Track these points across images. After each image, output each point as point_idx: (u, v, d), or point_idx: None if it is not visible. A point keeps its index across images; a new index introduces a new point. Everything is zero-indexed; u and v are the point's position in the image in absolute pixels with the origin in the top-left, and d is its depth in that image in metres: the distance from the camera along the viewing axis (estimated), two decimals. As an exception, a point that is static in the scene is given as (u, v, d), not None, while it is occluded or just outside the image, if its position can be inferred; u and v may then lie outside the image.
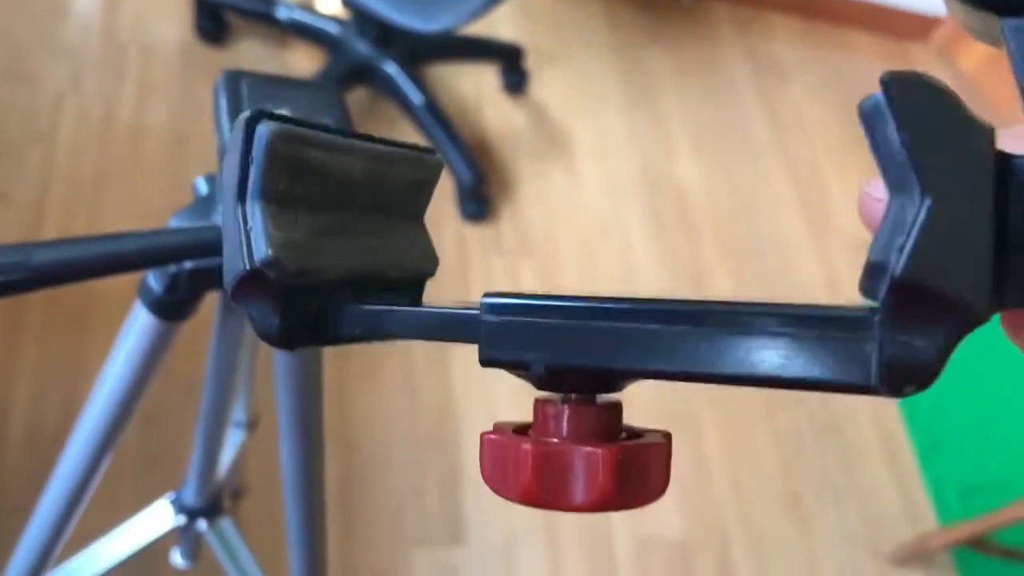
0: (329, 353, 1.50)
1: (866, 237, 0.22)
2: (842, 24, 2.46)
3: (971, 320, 0.19)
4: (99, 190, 1.60)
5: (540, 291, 0.25)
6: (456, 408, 1.54)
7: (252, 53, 1.87)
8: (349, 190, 0.27)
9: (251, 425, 0.99)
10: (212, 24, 1.83)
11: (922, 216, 0.19)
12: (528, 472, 0.24)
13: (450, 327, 0.26)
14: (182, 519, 0.90)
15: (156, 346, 0.55)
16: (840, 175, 2.14)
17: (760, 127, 2.17)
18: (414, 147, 0.30)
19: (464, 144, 1.77)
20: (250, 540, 1.03)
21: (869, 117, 0.19)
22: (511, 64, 1.97)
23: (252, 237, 0.24)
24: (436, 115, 1.76)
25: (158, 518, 0.91)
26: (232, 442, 0.96)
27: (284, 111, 0.45)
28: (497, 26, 2.03)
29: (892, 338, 0.20)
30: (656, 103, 2.12)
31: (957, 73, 2.49)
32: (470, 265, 1.70)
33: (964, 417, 1.83)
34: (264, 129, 0.24)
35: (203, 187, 0.52)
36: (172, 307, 0.53)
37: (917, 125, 0.18)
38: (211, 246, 0.47)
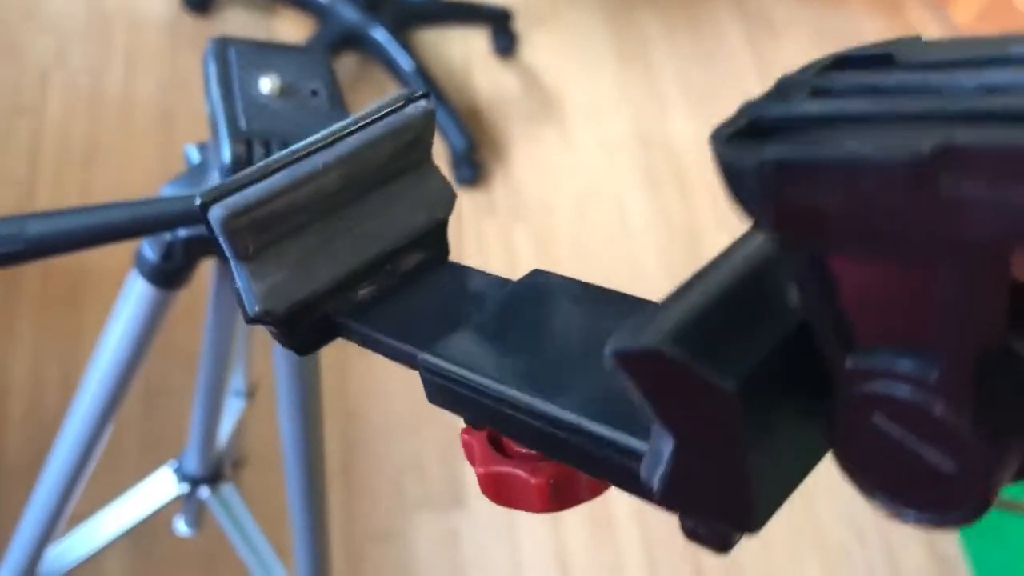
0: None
1: None
2: (833, -22, 2.44)
3: (740, 531, 0.21)
4: (89, 164, 1.59)
5: (532, 256, 0.28)
6: (454, 373, 1.55)
7: (239, 22, 1.85)
8: (331, 199, 0.29)
9: (250, 394, 1.00)
10: (197, -7, 1.82)
11: (673, 457, 0.20)
12: (483, 487, 0.29)
13: (402, 358, 0.30)
14: (185, 487, 0.91)
15: (153, 314, 0.55)
16: (833, 131, 2.13)
17: (753, 83, 2.16)
18: (398, 105, 0.30)
19: (455, 109, 1.76)
20: (253, 508, 1.04)
21: (612, 369, 0.20)
22: (500, 27, 1.95)
23: (243, 295, 0.28)
24: (426, 81, 1.75)
25: (161, 487, 0.92)
26: (232, 410, 0.96)
27: (275, 76, 0.45)
28: (485, -12, 2.02)
29: (680, 520, 0.22)
30: (647, 62, 2.10)
31: (953, 26, 2.47)
32: (464, 230, 1.69)
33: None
34: (214, 215, 0.26)
35: (195, 155, 0.52)
36: (168, 275, 0.53)
37: (656, 386, 0.19)
38: (204, 213, 0.47)
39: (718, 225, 1.88)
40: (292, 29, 1.87)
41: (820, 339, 0.19)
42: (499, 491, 0.28)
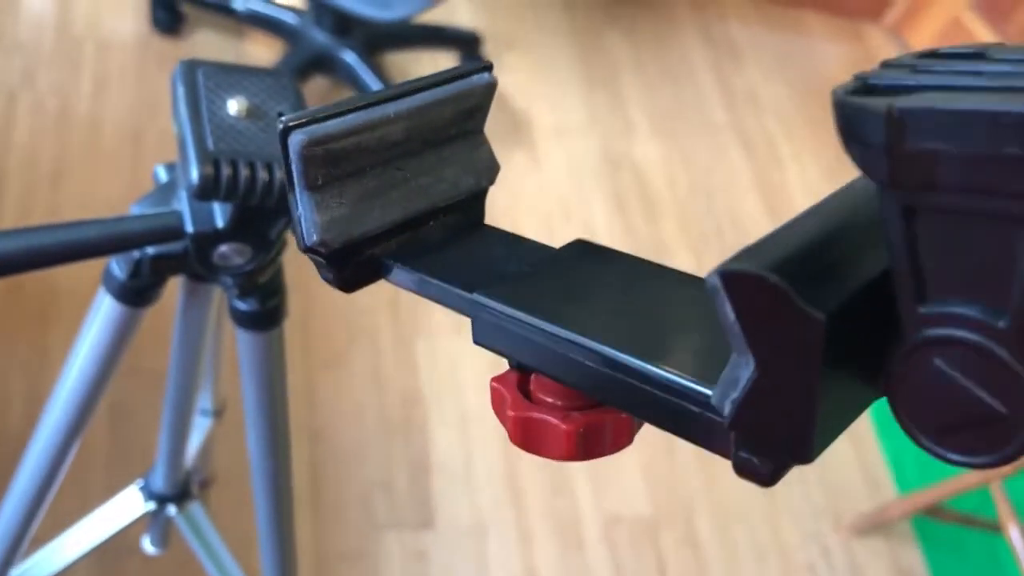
0: (295, 341, 1.51)
1: None
2: (795, 4, 2.50)
3: (795, 461, 0.23)
4: (57, 184, 1.59)
5: None
6: (422, 394, 1.55)
7: (209, 44, 1.86)
8: (393, 148, 0.31)
9: (218, 413, 1.00)
10: (168, 16, 1.82)
11: (750, 383, 0.22)
12: (511, 431, 0.29)
13: (451, 301, 0.30)
14: (151, 505, 0.91)
15: (121, 332, 0.56)
16: (795, 152, 2.17)
17: (716, 106, 2.20)
18: (462, 74, 0.32)
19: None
20: (221, 527, 1.04)
21: (711, 293, 0.22)
22: (469, 51, 1.98)
23: (303, 223, 0.29)
24: (396, 102, 1.76)
25: (127, 505, 0.92)
26: (199, 429, 0.96)
27: (242, 98, 0.47)
28: (455, 13, 2.04)
29: (735, 449, 0.24)
30: (614, 85, 2.14)
31: (909, 51, 2.53)
32: (433, 251, 1.71)
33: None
34: (295, 140, 0.27)
35: (163, 175, 0.53)
36: (136, 293, 0.54)
37: (750, 311, 0.21)
38: (172, 231, 0.48)
39: (684, 244, 1.91)
40: (262, 51, 1.89)
41: (899, 285, 0.21)
42: (527, 437, 0.29)
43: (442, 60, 2.00)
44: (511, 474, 1.51)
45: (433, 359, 1.59)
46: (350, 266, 0.31)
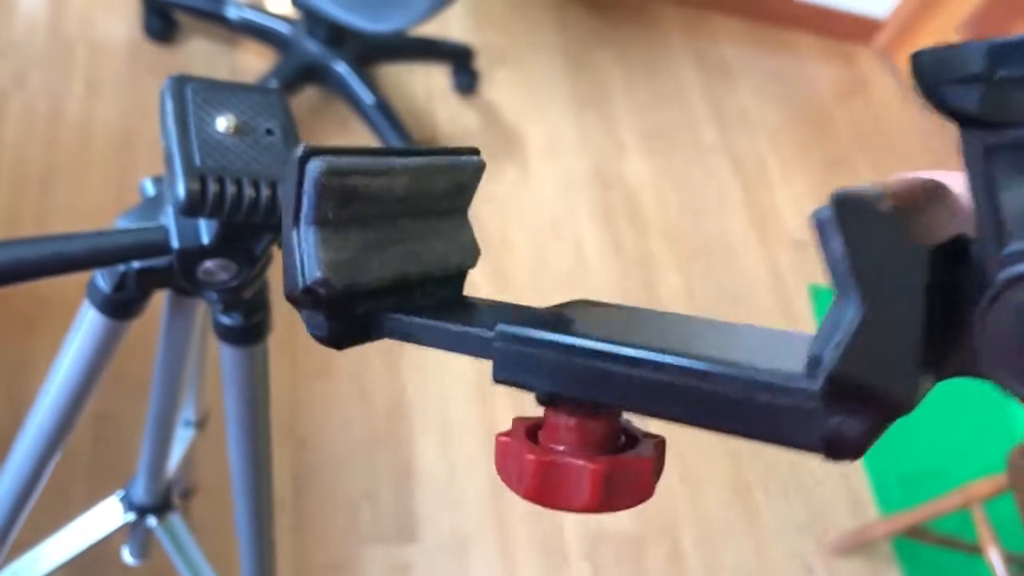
0: (281, 351, 1.51)
1: (810, 236, 0.25)
2: (786, 25, 2.51)
3: (897, 411, 0.22)
4: (46, 188, 1.58)
5: (491, 291, 0.29)
6: (409, 407, 1.55)
7: (202, 52, 1.86)
8: (394, 204, 0.30)
9: (201, 424, 1.00)
10: (161, 23, 1.82)
11: (857, 320, 0.22)
12: (530, 479, 0.27)
13: (467, 344, 0.29)
14: (131, 516, 0.91)
15: (105, 344, 0.56)
16: (784, 173, 2.19)
17: (707, 127, 2.21)
18: (455, 151, 0.32)
19: (414, 143, 1.78)
20: (201, 538, 1.03)
21: (820, 226, 0.22)
22: (462, 64, 1.98)
23: (305, 259, 0.28)
24: (387, 115, 1.77)
25: (107, 515, 0.92)
26: (182, 440, 0.96)
27: (231, 115, 0.47)
28: (448, 27, 2.05)
29: (826, 419, 0.23)
30: (606, 103, 2.15)
31: (898, 75, 2.55)
32: (422, 264, 1.71)
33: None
34: (313, 167, 0.27)
35: (150, 188, 0.53)
36: (120, 306, 0.54)
37: (859, 242, 0.21)
38: (158, 246, 0.48)
39: (672, 264, 1.91)
40: (254, 60, 1.89)
41: (981, 226, 0.22)
42: (546, 486, 0.27)
43: (435, 73, 2.01)
44: (496, 488, 1.51)
45: (420, 372, 1.59)
46: (344, 318, 0.30)
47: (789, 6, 2.47)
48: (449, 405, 1.57)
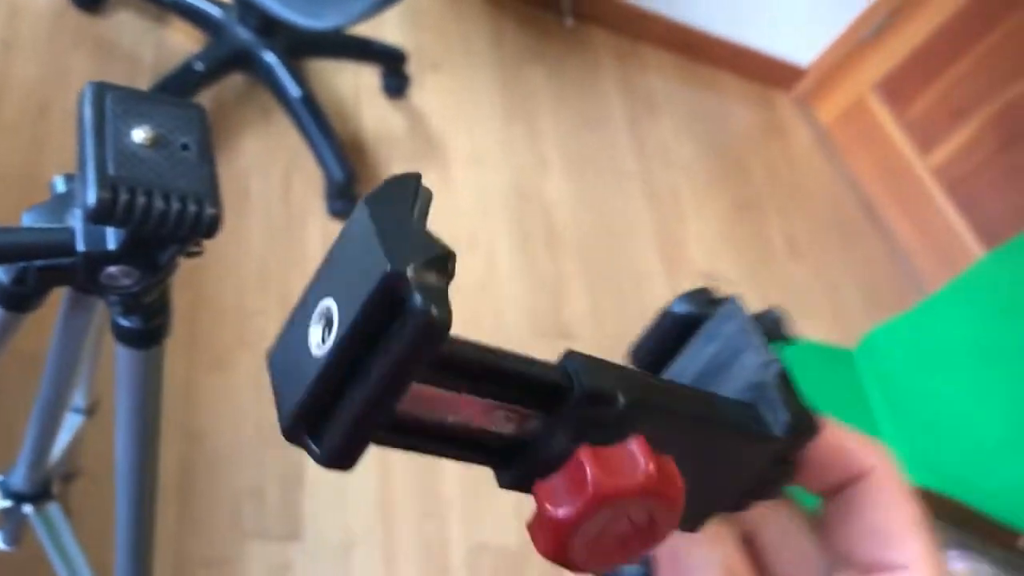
0: (178, 341, 1.48)
1: (714, 268, 0.27)
2: (714, 64, 2.59)
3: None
4: (-51, 149, 1.53)
5: None
6: (305, 404, 1.54)
7: (128, 26, 1.83)
8: None
9: (90, 411, 0.98)
10: (89, -10, 1.78)
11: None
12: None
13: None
14: (7, 503, 0.89)
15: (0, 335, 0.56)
16: (696, 207, 2.25)
17: (628, 154, 2.26)
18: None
19: (337, 141, 1.77)
20: (80, 523, 1.02)
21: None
22: (394, 67, 1.99)
23: (338, 437, 0.23)
24: (312, 110, 1.76)
25: (-17, 500, 0.90)
26: (69, 426, 0.95)
27: (148, 127, 0.47)
28: (383, 28, 2.05)
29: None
30: (533, 121, 2.18)
31: (814, 124, 2.65)
32: (333, 263, 1.71)
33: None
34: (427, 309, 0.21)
35: (60, 186, 0.53)
36: (18, 299, 0.54)
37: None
38: (63, 248, 0.48)
39: (582, 285, 1.95)
40: (182, 40, 1.86)
41: None
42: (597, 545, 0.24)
43: (365, 73, 2.01)
44: (384, 495, 1.52)
45: (320, 371, 1.59)
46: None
47: (718, 46, 2.55)
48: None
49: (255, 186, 1.74)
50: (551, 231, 2.00)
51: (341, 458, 0.22)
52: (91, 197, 0.44)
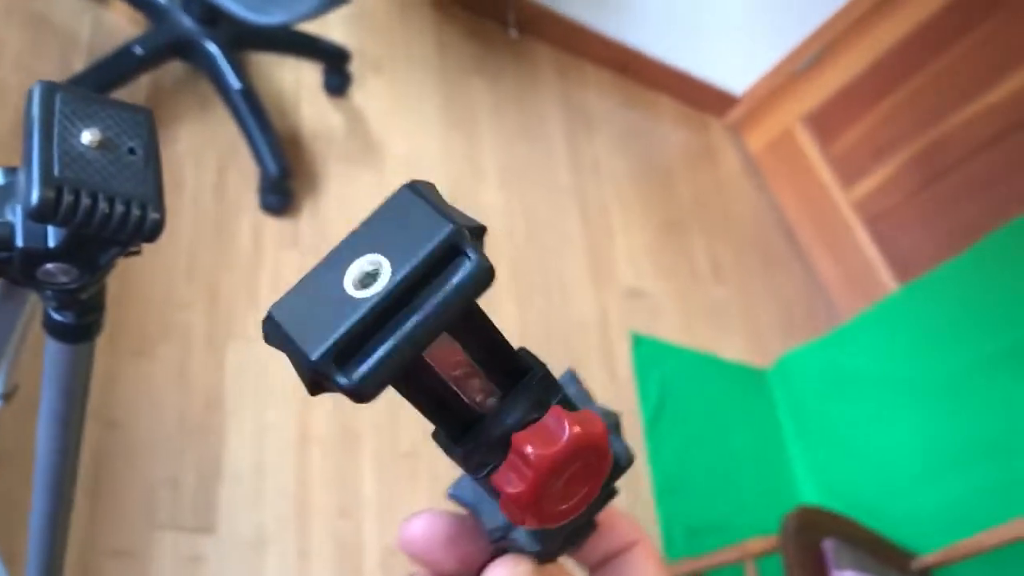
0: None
1: (639, 285, 0.29)
2: (651, 85, 2.64)
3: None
4: None
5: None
6: (226, 399, 1.54)
7: (67, 4, 1.79)
8: None
9: (8, 395, 0.97)
10: (27, -35, 1.75)
11: None
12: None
13: None
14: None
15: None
16: (625, 226, 2.30)
17: (563, 167, 2.30)
18: None
19: (275, 135, 1.77)
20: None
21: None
22: (336, 66, 1.99)
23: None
24: (251, 103, 1.75)
25: None
26: (-16, 411, 0.93)
27: (96, 129, 0.48)
28: (329, 26, 2.05)
29: None
30: (472, 129, 2.20)
31: (743, 151, 2.73)
32: (263, 257, 1.70)
33: (700, 463, 2.02)
34: None
35: (0, 177, 0.53)
36: (-53, 288, 0.54)
37: None
38: (1, 242, 0.49)
39: (511, 295, 1.98)
40: (122, 22, 1.83)
41: None
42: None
43: (306, 69, 2.00)
44: (301, 492, 1.52)
45: (242, 365, 1.58)
46: None
47: (657, 69, 2.60)
48: (267, 402, 1.57)
49: (189, 177, 1.73)
50: (484, 239, 2.02)
51: (371, 386, 0.24)
52: (35, 196, 0.45)
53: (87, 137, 0.48)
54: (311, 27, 1.95)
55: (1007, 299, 1.84)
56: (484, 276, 0.25)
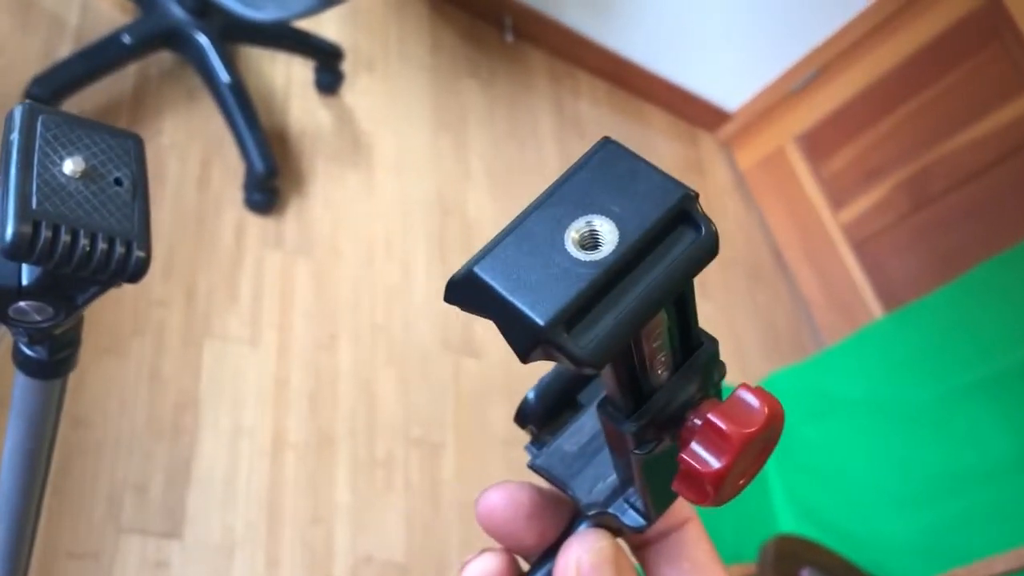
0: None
1: None
2: (645, 97, 2.62)
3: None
4: None
5: (310, 294, 0.30)
6: (199, 401, 1.51)
7: (53, -15, 1.74)
8: None
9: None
10: (15, -57, 1.70)
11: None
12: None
13: None
14: None
15: None
16: (615, 239, 2.27)
17: (552, 175, 2.24)
18: None
19: (262, 131, 1.73)
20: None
21: None
22: (328, 63, 1.95)
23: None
24: (240, 97, 1.71)
25: None
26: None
27: (80, 158, 0.45)
28: (322, 23, 2.01)
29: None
30: (462, 132, 2.17)
31: (734, 168, 2.71)
32: (244, 255, 1.67)
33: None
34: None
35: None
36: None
37: None
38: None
39: (493, 304, 1.95)
40: (109, 9, 1.79)
41: None
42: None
43: (298, 65, 1.96)
44: (272, 497, 1.49)
45: (218, 366, 1.55)
46: None
47: (651, 81, 2.58)
48: (241, 405, 1.54)
49: (172, 170, 1.68)
50: (469, 244, 1.99)
51: (604, 354, 0.23)
52: (8, 232, 0.42)
53: (70, 166, 0.45)
54: (305, 23, 1.91)
55: (984, 332, 1.85)
56: (714, 247, 0.24)
